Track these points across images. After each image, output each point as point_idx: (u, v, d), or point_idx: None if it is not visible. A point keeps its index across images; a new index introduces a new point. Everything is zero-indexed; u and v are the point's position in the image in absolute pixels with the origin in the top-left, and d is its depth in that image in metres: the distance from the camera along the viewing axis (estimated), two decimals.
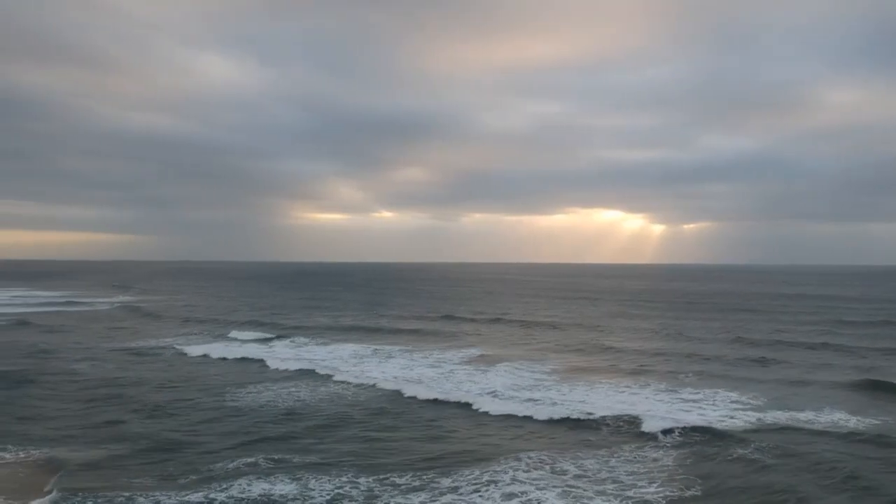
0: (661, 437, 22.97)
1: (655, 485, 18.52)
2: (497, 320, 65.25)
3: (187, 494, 17.72)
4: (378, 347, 46.31)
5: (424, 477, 19.26)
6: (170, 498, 17.54)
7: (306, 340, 50.61)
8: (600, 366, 38.47)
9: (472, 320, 65.75)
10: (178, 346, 46.93)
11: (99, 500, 17.21)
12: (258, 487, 18.20)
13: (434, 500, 17.52)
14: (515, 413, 26.84)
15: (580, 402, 28.81)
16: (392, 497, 17.67)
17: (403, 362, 40.05)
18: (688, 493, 17.86)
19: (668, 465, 20.27)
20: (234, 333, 54.51)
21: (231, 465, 20.12)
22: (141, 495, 17.54)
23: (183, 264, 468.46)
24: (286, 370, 37.38)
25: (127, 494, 17.58)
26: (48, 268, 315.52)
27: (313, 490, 18.09)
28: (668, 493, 17.84)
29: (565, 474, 19.42)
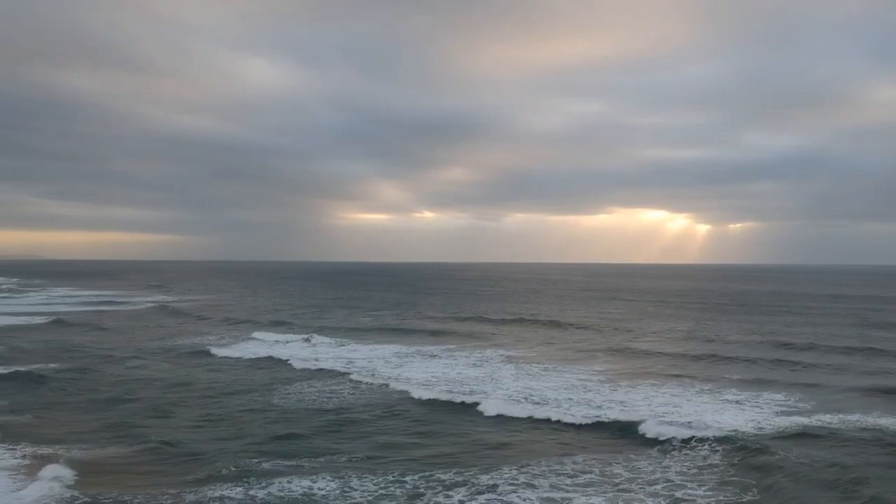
0: (707, 438, 22.38)
1: (705, 488, 18.17)
2: (539, 321, 64.61)
3: (228, 490, 17.82)
4: (420, 347, 46.22)
5: (466, 473, 19.17)
6: (213, 491, 17.70)
7: (348, 340, 50.62)
8: (642, 367, 37.88)
9: (514, 321, 65.16)
10: (217, 345, 47.31)
11: (139, 497, 17.35)
12: (299, 486, 18.19)
13: (472, 500, 17.42)
14: (556, 415, 26.42)
15: (622, 403, 28.44)
16: (434, 496, 17.59)
17: (446, 362, 39.94)
18: (745, 499, 17.48)
19: (719, 468, 19.83)
20: (274, 333, 54.81)
21: (271, 464, 20.13)
22: (190, 492, 17.69)
23: (228, 264, 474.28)
24: (328, 369, 37.29)
25: (174, 492, 17.72)
26: (97, 267, 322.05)
27: (356, 489, 18.02)
28: (721, 498, 17.50)
29: (617, 477, 19.12)
